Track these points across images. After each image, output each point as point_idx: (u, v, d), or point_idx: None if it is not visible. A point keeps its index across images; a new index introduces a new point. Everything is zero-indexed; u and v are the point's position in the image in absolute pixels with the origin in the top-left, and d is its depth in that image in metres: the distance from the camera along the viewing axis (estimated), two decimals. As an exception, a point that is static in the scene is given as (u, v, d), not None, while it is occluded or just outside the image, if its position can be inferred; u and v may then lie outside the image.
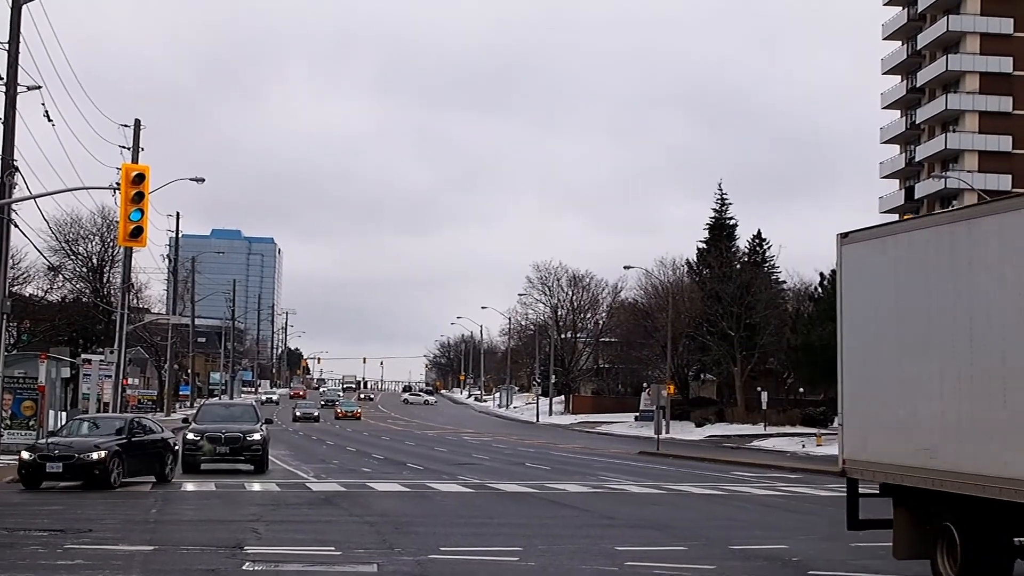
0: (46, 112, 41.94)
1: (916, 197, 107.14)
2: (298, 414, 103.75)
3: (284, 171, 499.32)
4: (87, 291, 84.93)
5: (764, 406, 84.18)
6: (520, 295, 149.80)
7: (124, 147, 62.79)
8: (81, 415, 42.39)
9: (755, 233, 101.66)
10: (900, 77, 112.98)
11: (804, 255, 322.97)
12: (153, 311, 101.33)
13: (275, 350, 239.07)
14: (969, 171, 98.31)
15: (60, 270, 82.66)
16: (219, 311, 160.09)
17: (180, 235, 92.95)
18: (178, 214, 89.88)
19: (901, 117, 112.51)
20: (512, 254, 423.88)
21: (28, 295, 79.13)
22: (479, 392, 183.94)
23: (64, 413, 54.13)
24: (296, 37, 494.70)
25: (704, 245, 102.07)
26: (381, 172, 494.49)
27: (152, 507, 26.07)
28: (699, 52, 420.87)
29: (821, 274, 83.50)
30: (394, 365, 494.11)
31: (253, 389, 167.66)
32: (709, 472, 44.75)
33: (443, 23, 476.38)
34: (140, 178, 30.86)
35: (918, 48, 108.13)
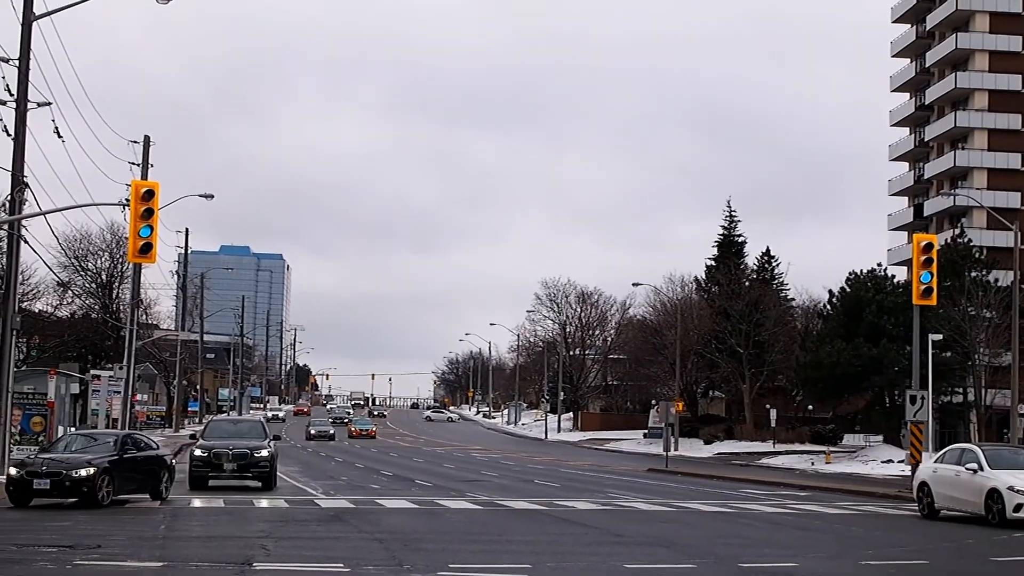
0: (56, 128, 42.11)
1: (925, 214, 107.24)
2: (312, 432, 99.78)
3: (294, 189, 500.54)
4: (96, 307, 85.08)
5: (773, 423, 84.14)
6: (529, 312, 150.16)
7: (134, 163, 62.99)
8: (75, 431, 41.65)
9: (764, 250, 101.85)
10: (909, 94, 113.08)
11: (813, 272, 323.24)
12: (162, 327, 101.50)
13: (284, 366, 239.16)
14: (978, 188, 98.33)
15: (69, 286, 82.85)
16: (228, 327, 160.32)
17: (189, 251, 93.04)
18: (187, 230, 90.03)
19: (910, 134, 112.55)
20: (521, 271, 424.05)
21: (38, 311, 79.29)
22: (487, 409, 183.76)
23: (73, 428, 54.21)
24: (308, 55, 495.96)
25: (713, 262, 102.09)
26: (391, 190, 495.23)
27: (161, 523, 26.05)
28: (708, 70, 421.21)
29: (830, 291, 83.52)
30: (403, 382, 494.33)
31: (262, 405, 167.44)
32: (718, 489, 44.66)
33: (453, 43, 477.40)
34: (150, 194, 30.92)
35: (927, 66, 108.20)
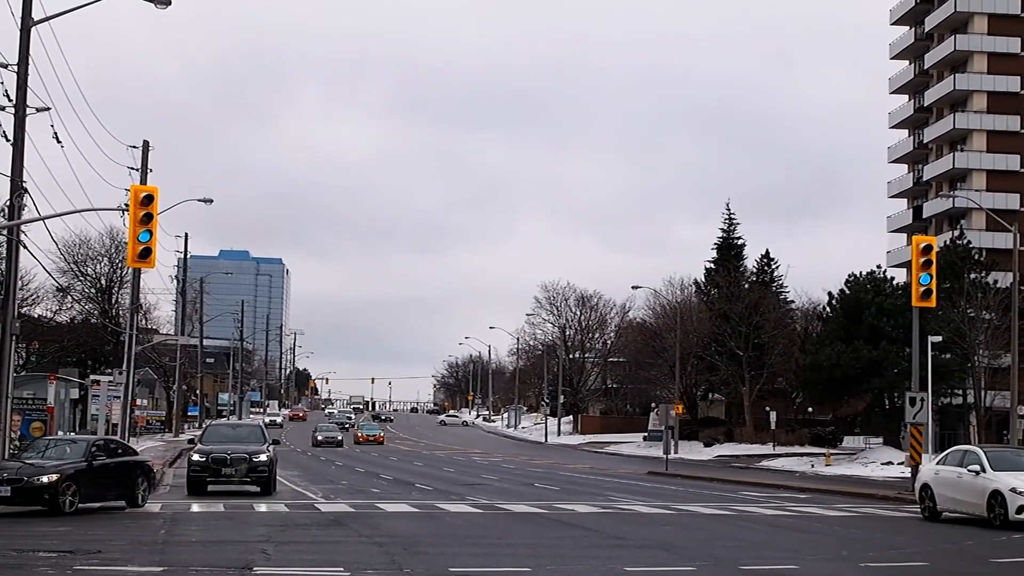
0: (55, 134, 42.10)
1: (924, 216, 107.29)
2: (320, 438, 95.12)
3: (294, 192, 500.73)
4: (96, 312, 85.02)
5: (773, 426, 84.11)
6: (528, 315, 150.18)
7: (133, 168, 62.97)
8: (48, 437, 40.23)
9: (763, 253, 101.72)
10: (908, 96, 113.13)
11: (812, 274, 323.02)
12: (162, 332, 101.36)
13: (283, 371, 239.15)
14: (977, 190, 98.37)
15: (69, 291, 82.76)
16: (227, 332, 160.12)
17: (189, 256, 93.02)
18: (186, 235, 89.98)
19: (909, 136, 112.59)
20: (521, 274, 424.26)
21: (37, 316, 79.24)
22: (487, 412, 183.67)
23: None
24: (309, 58, 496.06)
25: (712, 265, 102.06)
26: (391, 192, 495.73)
27: (161, 528, 26.05)
28: (709, 72, 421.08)
29: (829, 293, 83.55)
30: (402, 385, 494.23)
31: (262, 410, 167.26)
32: (718, 492, 44.65)
33: (455, 45, 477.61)
34: (149, 199, 30.93)
35: (925, 67, 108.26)
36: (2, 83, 38.01)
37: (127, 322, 67.95)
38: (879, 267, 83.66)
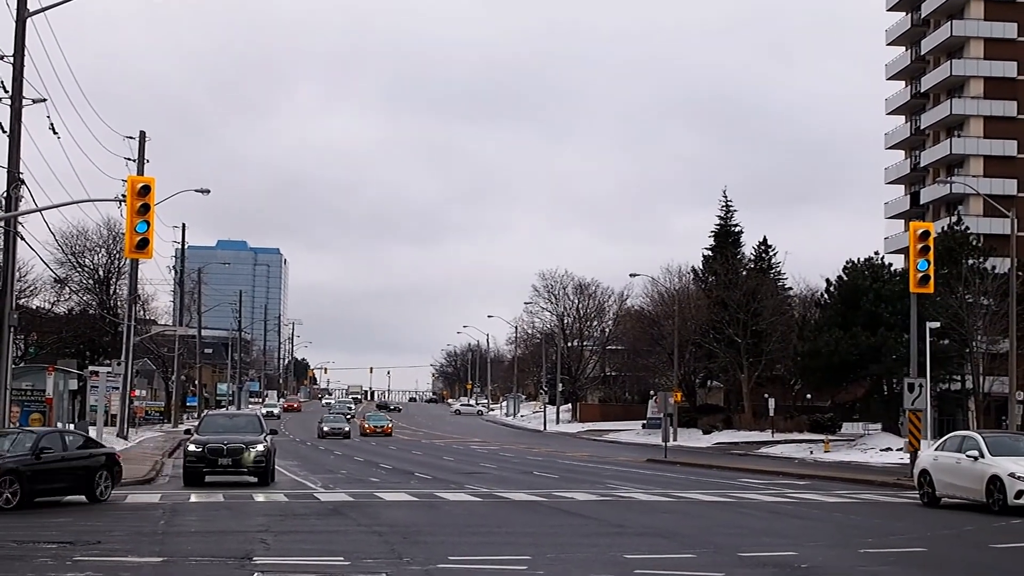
0: (51, 125, 42.08)
1: (922, 202, 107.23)
2: (326, 429, 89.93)
3: (292, 183, 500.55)
4: (94, 303, 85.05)
5: (771, 413, 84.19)
6: (526, 304, 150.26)
7: (130, 159, 63.00)
8: (7, 429, 38.24)
9: (761, 240, 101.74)
10: (904, 82, 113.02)
11: (810, 261, 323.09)
12: (160, 322, 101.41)
13: (282, 361, 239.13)
14: (974, 176, 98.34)
15: (67, 282, 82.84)
16: (225, 322, 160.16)
17: (186, 246, 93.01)
18: (184, 225, 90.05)
19: (906, 122, 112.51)
20: (519, 264, 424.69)
21: (35, 308, 79.26)
22: (486, 401, 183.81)
23: (72, 424, 54.23)
24: (305, 50, 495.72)
25: (710, 252, 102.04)
26: (390, 184, 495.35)
27: (160, 518, 26.07)
28: (706, 62, 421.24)
29: (827, 280, 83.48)
30: (401, 375, 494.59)
31: (260, 400, 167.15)
32: (717, 479, 44.70)
33: (451, 36, 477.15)
34: (146, 190, 30.90)
35: (922, 53, 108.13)
36: (-2, 74, 38.00)
37: (125, 313, 68.01)
38: (877, 253, 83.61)
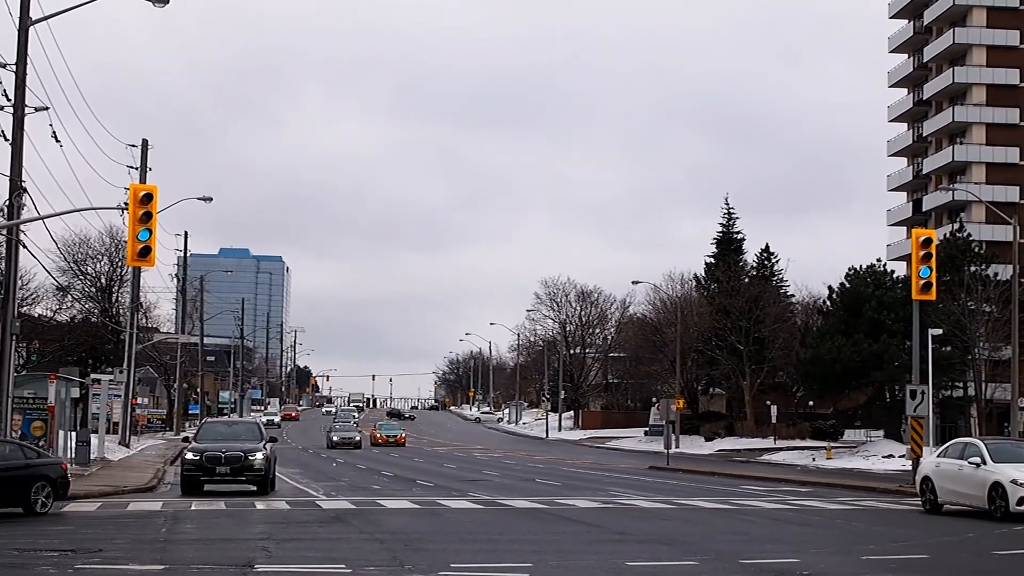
0: (54, 133, 42.11)
1: (924, 209, 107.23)
2: (335, 439, 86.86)
3: (295, 191, 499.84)
4: (96, 311, 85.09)
5: (773, 420, 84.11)
6: (529, 311, 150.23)
7: (132, 167, 63.07)
8: None
9: (763, 247, 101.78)
10: (907, 90, 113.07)
11: (813, 268, 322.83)
12: (162, 330, 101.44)
13: (284, 368, 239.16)
14: (977, 183, 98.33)
15: (69, 290, 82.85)
16: (228, 330, 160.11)
17: (188, 254, 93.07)
18: (186, 233, 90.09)
19: (908, 130, 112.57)
20: (522, 271, 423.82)
21: (37, 315, 79.36)
22: (488, 408, 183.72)
23: (73, 433, 54.19)
24: (310, 57, 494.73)
25: (712, 260, 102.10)
26: (392, 190, 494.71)
27: (162, 526, 26.08)
28: (711, 68, 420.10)
29: (830, 287, 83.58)
30: (403, 382, 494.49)
31: (262, 408, 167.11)
32: (719, 486, 44.67)
33: (457, 43, 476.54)
34: (148, 198, 30.92)
35: (924, 61, 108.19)
36: (0, 83, 38.04)
37: (127, 321, 68.04)
38: (879, 260, 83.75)
